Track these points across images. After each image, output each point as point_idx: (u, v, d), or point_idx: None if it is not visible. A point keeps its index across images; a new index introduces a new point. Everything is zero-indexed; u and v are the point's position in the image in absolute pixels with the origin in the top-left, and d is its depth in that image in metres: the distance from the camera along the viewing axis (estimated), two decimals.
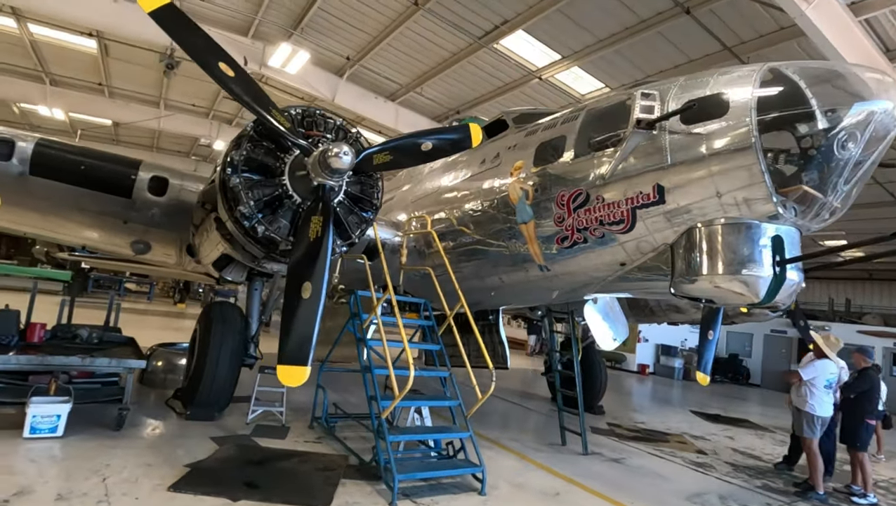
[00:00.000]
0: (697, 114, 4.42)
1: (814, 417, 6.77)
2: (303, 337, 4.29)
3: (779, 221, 4.37)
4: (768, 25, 9.40)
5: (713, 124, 4.36)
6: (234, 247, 5.53)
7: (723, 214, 4.46)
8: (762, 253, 4.35)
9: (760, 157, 4.12)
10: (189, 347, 7.26)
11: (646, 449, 8.05)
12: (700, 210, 4.55)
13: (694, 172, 4.48)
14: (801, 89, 4.12)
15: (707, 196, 4.46)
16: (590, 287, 6.13)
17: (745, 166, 4.21)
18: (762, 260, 4.34)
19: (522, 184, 5.91)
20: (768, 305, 4.51)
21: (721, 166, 4.32)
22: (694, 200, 4.54)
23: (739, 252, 4.39)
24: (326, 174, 4.58)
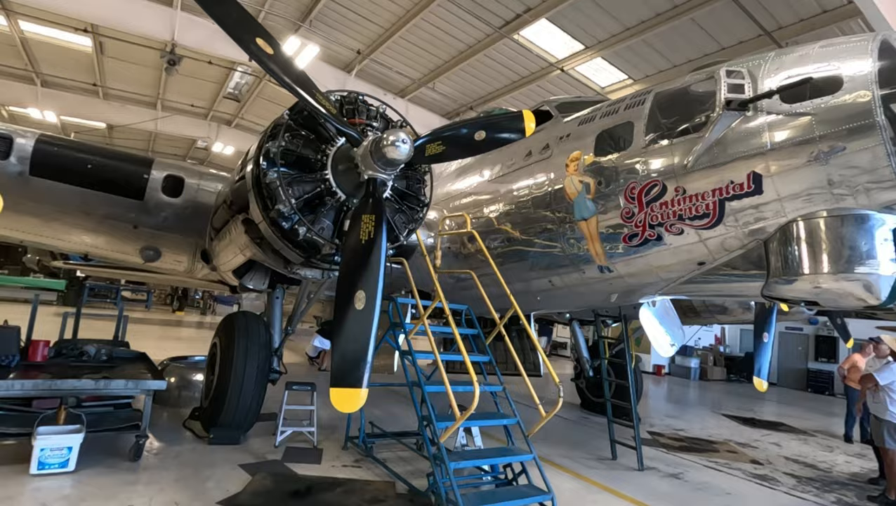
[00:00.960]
0: (804, 91, 3.87)
1: (892, 424, 6.26)
2: (357, 355, 3.70)
3: None
4: (810, 9, 8.93)
5: (824, 102, 3.81)
6: (264, 251, 4.92)
7: (833, 204, 3.91)
8: (882, 248, 3.81)
9: (886, 137, 3.58)
10: (207, 362, 6.63)
11: (699, 461, 7.51)
12: (806, 201, 4.00)
13: (800, 158, 3.93)
14: None
15: (816, 184, 3.91)
16: (655, 289, 5.57)
17: (866, 149, 3.66)
18: (882, 256, 3.80)
19: (582, 177, 5.34)
20: (888, 306, 3.97)
21: (834, 150, 3.77)
22: (799, 189, 3.99)
23: (855, 247, 3.84)
24: (380, 166, 3.99)
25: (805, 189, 3.98)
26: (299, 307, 6.67)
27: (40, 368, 5.55)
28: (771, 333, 8.35)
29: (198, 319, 25.91)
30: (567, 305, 7.34)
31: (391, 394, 9.97)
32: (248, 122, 19.61)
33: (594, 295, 6.09)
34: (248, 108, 18.56)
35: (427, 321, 5.29)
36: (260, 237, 4.85)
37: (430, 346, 5.06)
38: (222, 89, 16.89)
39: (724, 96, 4.26)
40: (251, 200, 4.42)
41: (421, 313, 5.45)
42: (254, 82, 16.30)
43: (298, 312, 6.70)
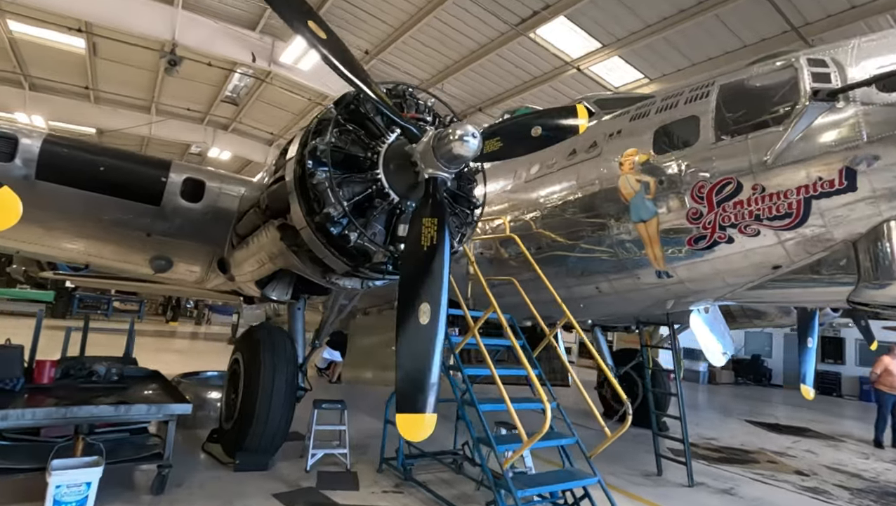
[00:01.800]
0: None
1: None
2: (423, 375, 3.30)
3: None
4: (838, 4, 8.72)
5: None
6: (301, 260, 4.47)
7: None
8: None
9: None
10: (227, 379, 6.14)
11: (744, 473, 7.17)
12: None
13: None
14: None
15: None
16: (716, 295, 5.23)
17: None
18: None
19: (639, 176, 4.99)
20: None
21: None
22: None
23: None
24: (443, 164, 3.58)
25: None
26: (329, 319, 6.21)
27: (48, 391, 5.04)
28: (815, 338, 8.08)
29: (192, 329, 25.16)
30: (611, 312, 6.97)
31: None
32: (246, 126, 19.08)
33: (646, 302, 5.73)
34: (247, 112, 18.04)
35: (478, 333, 4.90)
36: (297, 245, 4.41)
37: (486, 360, 4.66)
38: (220, 92, 16.36)
39: (809, 86, 3.94)
40: (292, 203, 3.98)
41: (471, 325, 5.06)
42: (254, 85, 15.80)
43: (328, 323, 6.24)
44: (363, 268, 4.14)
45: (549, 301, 5.85)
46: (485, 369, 4.81)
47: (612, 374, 9.50)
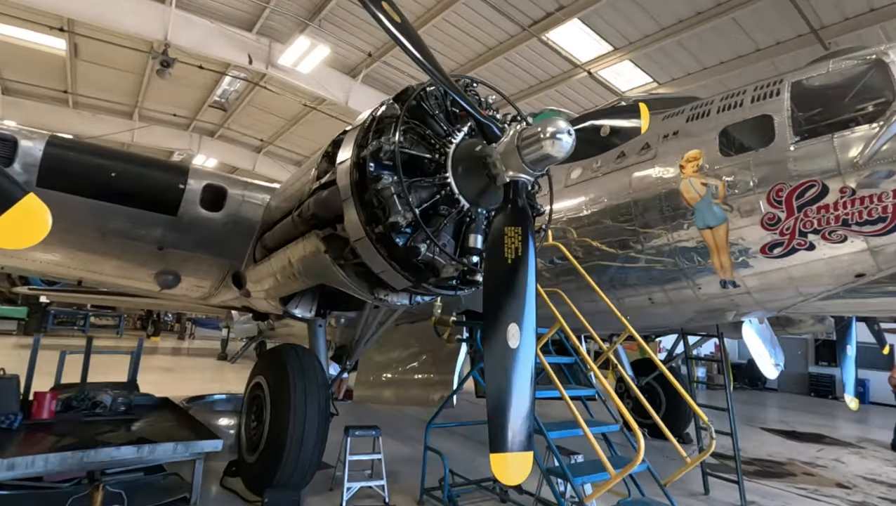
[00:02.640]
0: None
1: None
2: (520, 407, 2.88)
3: None
4: (857, 6, 8.67)
5: None
6: (348, 274, 3.99)
7: None
8: None
9: None
10: (247, 406, 5.57)
11: (786, 488, 6.90)
12: None
13: None
14: None
15: None
16: (783, 305, 4.94)
17: None
18: None
19: (705, 179, 4.67)
20: None
21: None
22: None
23: None
24: (528, 166, 3.17)
25: None
26: (364, 337, 5.69)
27: (49, 428, 4.45)
28: (853, 347, 7.91)
29: (175, 344, 24.03)
30: (658, 324, 6.65)
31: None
32: (234, 132, 18.38)
33: (704, 313, 5.40)
34: (235, 118, 17.36)
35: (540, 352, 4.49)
36: (344, 258, 3.95)
37: (554, 382, 4.25)
38: (209, 97, 15.68)
39: None
40: (348, 211, 3.51)
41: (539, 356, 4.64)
42: (245, 89, 15.18)
43: (363, 342, 5.71)
44: (426, 283, 3.69)
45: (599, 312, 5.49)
46: (551, 391, 4.40)
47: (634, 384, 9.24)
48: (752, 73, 10.56)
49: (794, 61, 10.16)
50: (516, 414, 2.89)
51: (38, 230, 2.36)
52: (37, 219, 2.36)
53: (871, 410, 17.95)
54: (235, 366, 16.59)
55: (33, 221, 2.35)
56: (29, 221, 2.34)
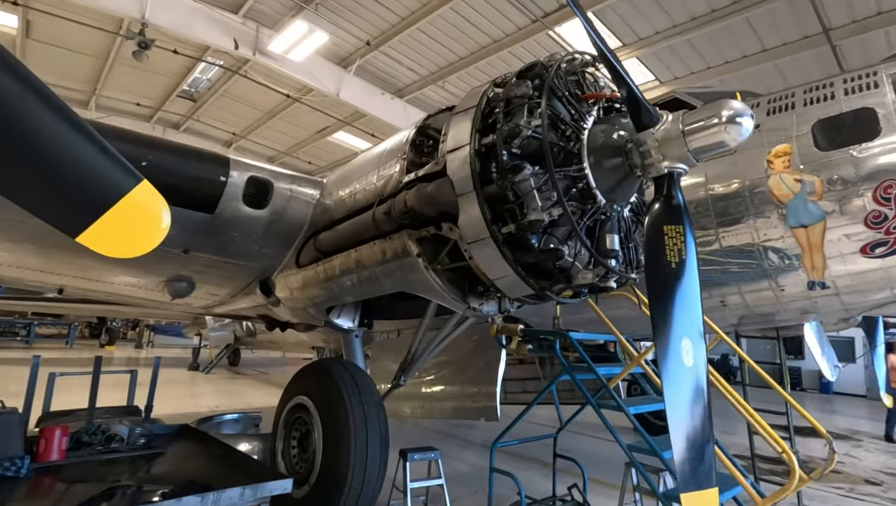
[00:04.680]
0: None
1: None
2: (702, 437, 2.48)
3: None
4: (866, 9, 8.84)
5: None
6: (441, 280, 3.45)
7: None
8: None
9: None
10: (285, 429, 4.89)
11: (824, 489, 6.87)
12: None
13: None
14: None
15: None
16: (867, 307, 4.78)
17: None
18: None
19: (799, 175, 4.42)
20: None
21: None
22: None
23: None
24: (692, 155, 2.75)
25: None
26: (424, 350, 5.09)
27: (62, 471, 3.64)
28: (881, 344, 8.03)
29: (132, 354, 22.17)
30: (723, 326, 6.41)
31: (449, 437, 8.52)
32: (203, 124, 17.10)
33: (781, 315, 5.19)
34: (206, 110, 16.13)
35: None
36: (440, 262, 3.41)
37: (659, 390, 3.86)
38: (179, 85, 14.44)
39: None
40: (466, 207, 2.98)
41: (635, 356, 4.25)
42: (220, 77, 14.07)
43: (419, 356, 5.11)
44: (551, 291, 3.20)
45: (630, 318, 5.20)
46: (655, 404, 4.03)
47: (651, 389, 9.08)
48: (752, 74, 10.68)
49: (795, 63, 10.35)
50: (701, 444, 2.49)
51: (153, 234, 1.71)
52: (150, 215, 1.71)
53: (837, 400, 18.86)
54: (211, 377, 15.40)
55: (146, 219, 1.70)
56: (141, 219, 1.69)
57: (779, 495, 3.42)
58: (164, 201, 1.75)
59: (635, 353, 4.66)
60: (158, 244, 1.70)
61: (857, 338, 19.29)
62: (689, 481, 2.44)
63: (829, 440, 3.86)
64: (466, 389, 6.65)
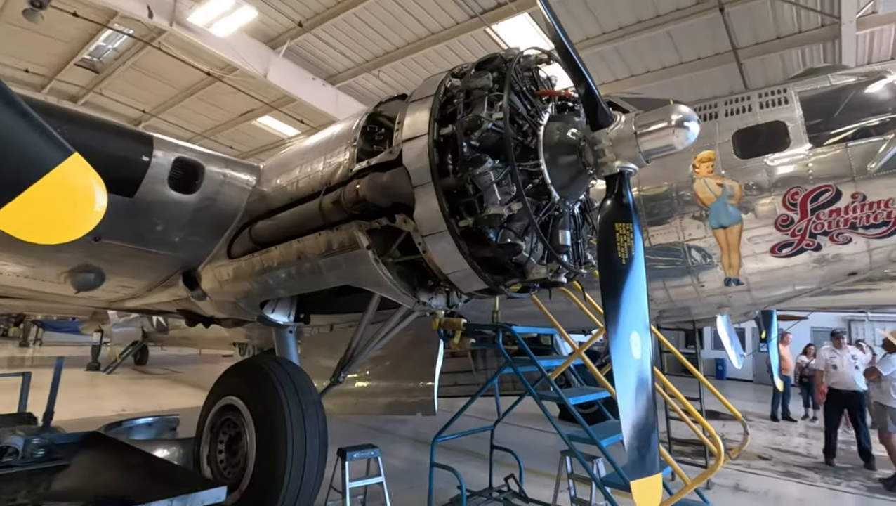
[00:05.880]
0: None
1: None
2: (648, 426, 2.61)
3: None
4: (767, 34, 9.78)
5: None
6: (392, 273, 3.35)
7: None
8: None
9: None
10: (211, 433, 4.54)
11: (726, 466, 7.56)
12: None
13: None
14: None
15: None
16: (773, 302, 5.29)
17: None
18: None
19: (721, 180, 4.78)
20: None
21: None
22: None
23: None
24: (643, 155, 2.87)
25: None
26: (366, 345, 4.89)
27: None
28: (775, 334, 8.94)
29: (16, 353, 19.60)
30: None
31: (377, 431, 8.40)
32: (106, 99, 15.46)
33: (698, 309, 5.61)
34: (110, 82, 14.59)
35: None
36: (391, 254, 3.30)
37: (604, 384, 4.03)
38: (79, 53, 12.93)
39: None
40: (422, 199, 2.90)
41: (575, 348, 4.37)
42: (129, 47, 12.76)
43: (357, 351, 4.90)
44: (504, 285, 3.21)
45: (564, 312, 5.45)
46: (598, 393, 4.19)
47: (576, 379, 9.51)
48: (671, 84, 11.48)
49: (707, 77, 11.26)
50: (647, 434, 2.62)
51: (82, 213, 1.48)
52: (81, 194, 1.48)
53: (729, 384, 20.92)
54: (114, 377, 14.02)
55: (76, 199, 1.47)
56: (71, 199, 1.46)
57: (707, 474, 3.70)
58: (98, 178, 1.51)
59: (576, 345, 4.82)
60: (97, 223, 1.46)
61: (747, 329, 21.59)
62: (637, 467, 2.55)
63: (744, 422, 4.23)
64: (403, 384, 6.55)
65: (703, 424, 4.31)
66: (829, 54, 9.69)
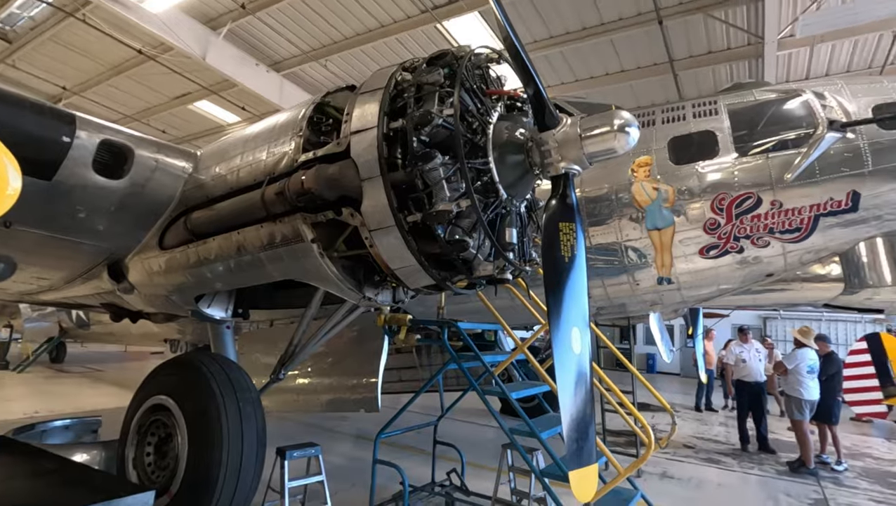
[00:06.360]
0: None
1: (802, 401, 7.61)
2: (586, 418, 2.72)
3: None
4: (700, 48, 10.40)
5: None
6: (337, 268, 3.28)
7: None
8: None
9: None
10: (138, 435, 4.27)
11: (656, 455, 8.01)
12: (891, 219, 4.42)
13: (892, 181, 4.31)
14: None
15: None
16: (699, 300, 5.63)
17: None
18: None
19: (657, 183, 5.03)
20: None
21: None
22: (888, 209, 4.39)
23: None
24: (587, 158, 2.96)
25: (892, 209, 4.38)
26: (308, 342, 4.74)
27: None
28: (700, 330, 9.52)
29: None
30: None
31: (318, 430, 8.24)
32: (20, 72, 14.07)
33: (632, 306, 5.88)
34: (26, 55, 13.31)
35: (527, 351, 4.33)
36: (336, 249, 3.24)
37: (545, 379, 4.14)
38: None
39: (825, 116, 4.43)
40: (370, 193, 2.86)
41: (518, 344, 4.45)
42: (48, 17, 11.70)
43: (299, 347, 4.74)
44: (451, 282, 3.22)
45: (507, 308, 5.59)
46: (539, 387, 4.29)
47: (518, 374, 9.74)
48: (613, 91, 11.97)
49: (646, 86, 11.82)
50: (584, 425, 2.72)
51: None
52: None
53: (658, 378, 22.15)
54: (26, 376, 12.85)
55: None
56: None
57: (638, 463, 3.90)
58: (11, 158, 1.38)
59: (519, 341, 4.92)
60: None
61: (675, 326, 22.94)
62: (575, 458, 2.64)
63: (672, 414, 4.49)
64: (345, 380, 6.45)
65: (636, 415, 4.55)
66: (754, 71, 10.45)
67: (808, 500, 6.20)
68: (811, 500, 6.21)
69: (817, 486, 6.78)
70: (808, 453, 7.47)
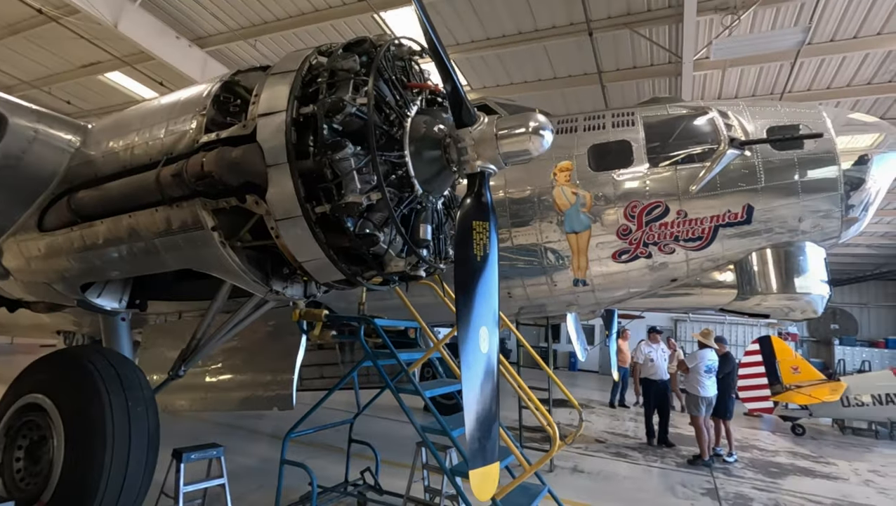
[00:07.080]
0: (790, 142, 4.66)
1: (699, 397, 8.20)
2: (490, 417, 2.74)
3: (826, 243, 5.00)
4: (626, 62, 10.91)
5: (804, 154, 4.67)
6: (241, 258, 3.08)
7: (797, 236, 4.84)
8: (822, 273, 4.91)
9: (842, 188, 4.62)
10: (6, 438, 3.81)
11: (567, 450, 8.33)
12: (779, 232, 4.83)
13: (784, 198, 4.72)
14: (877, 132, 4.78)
15: (789, 219, 4.77)
16: (613, 301, 5.89)
17: (830, 196, 4.65)
18: (823, 279, 4.90)
19: (576, 189, 5.19)
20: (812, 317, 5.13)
21: (810, 194, 4.67)
22: (776, 223, 4.79)
23: (808, 272, 4.84)
24: (501, 157, 2.96)
25: (780, 223, 4.79)
26: (213, 335, 4.39)
27: None
28: (614, 331, 9.97)
29: None
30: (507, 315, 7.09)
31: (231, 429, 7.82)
32: None
33: (551, 306, 6.04)
34: None
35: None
36: (240, 238, 3.04)
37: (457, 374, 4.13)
38: None
39: (727, 134, 4.77)
40: (276, 181, 2.70)
41: (435, 342, 4.40)
42: None
43: (203, 342, 4.39)
44: (362, 277, 3.11)
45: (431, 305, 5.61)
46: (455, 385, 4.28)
47: None
48: (545, 97, 12.29)
49: (577, 94, 12.25)
50: (488, 425, 2.73)
51: None
52: None
53: (579, 375, 23.18)
54: None
55: None
56: None
57: (543, 460, 3.99)
58: None
59: (435, 339, 4.90)
60: None
61: (596, 326, 24.10)
62: (478, 457, 2.64)
63: (580, 411, 4.65)
64: (259, 377, 6.17)
65: (543, 412, 4.66)
66: (674, 88, 11.11)
67: (701, 489, 6.69)
68: (703, 489, 6.70)
69: (710, 477, 7.33)
70: (704, 446, 8.06)
